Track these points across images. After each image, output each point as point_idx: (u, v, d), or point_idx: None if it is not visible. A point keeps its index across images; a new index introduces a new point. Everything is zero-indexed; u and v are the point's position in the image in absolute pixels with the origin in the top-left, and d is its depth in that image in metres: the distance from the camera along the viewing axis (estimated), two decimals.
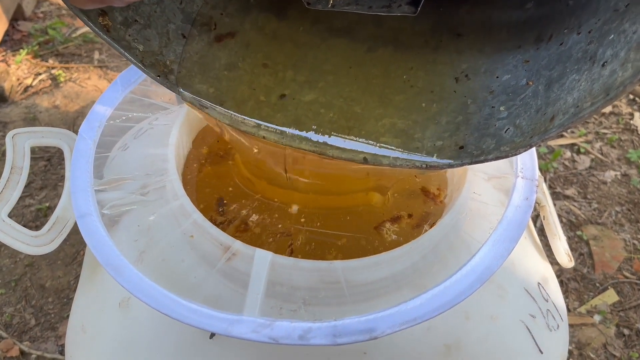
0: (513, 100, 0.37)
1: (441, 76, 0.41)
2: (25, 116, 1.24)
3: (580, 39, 0.34)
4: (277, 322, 0.34)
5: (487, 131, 0.37)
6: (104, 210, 0.43)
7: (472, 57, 0.41)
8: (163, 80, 0.39)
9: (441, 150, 0.37)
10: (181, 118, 0.50)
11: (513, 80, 0.38)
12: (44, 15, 1.53)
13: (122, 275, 0.37)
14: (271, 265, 0.38)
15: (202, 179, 0.52)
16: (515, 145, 0.34)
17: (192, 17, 0.40)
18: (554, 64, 0.36)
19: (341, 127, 0.39)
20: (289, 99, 0.41)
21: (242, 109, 0.40)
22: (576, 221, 1.06)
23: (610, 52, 0.31)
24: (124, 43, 0.36)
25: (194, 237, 0.42)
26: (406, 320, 0.35)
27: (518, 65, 0.39)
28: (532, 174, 0.44)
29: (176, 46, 0.39)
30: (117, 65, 1.39)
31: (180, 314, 0.35)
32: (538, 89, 0.36)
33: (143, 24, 0.37)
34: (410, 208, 0.50)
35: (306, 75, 0.42)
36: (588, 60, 0.33)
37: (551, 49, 0.37)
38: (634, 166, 1.16)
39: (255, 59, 0.42)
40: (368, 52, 0.42)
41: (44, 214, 1.04)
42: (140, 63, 0.37)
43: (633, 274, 0.99)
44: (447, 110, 0.39)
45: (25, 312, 0.92)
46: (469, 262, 0.38)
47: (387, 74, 0.41)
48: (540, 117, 0.34)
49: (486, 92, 0.39)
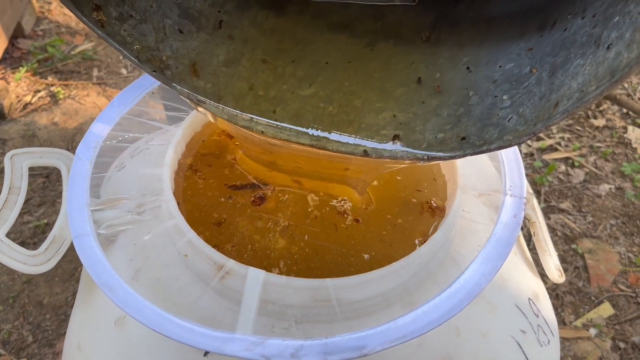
0: (516, 88, 0.36)
1: (443, 70, 0.41)
2: (24, 133, 1.25)
3: (584, 24, 0.34)
4: (269, 340, 0.35)
5: (489, 121, 0.36)
6: (100, 229, 0.44)
7: (473, 49, 0.40)
8: (159, 75, 0.38)
9: (443, 142, 0.37)
10: (177, 137, 0.51)
11: (516, 68, 0.38)
12: (43, 33, 1.54)
13: (117, 294, 0.38)
14: (264, 283, 0.39)
15: (196, 196, 0.53)
16: (519, 133, 0.34)
17: (189, 13, 0.40)
18: (558, 50, 0.35)
19: (341, 120, 0.39)
20: (288, 93, 0.40)
21: (240, 104, 0.40)
22: (571, 234, 1.07)
23: (616, 34, 0.30)
24: (119, 38, 0.36)
25: (188, 256, 0.43)
26: (396, 337, 0.35)
27: (521, 53, 0.38)
28: (521, 192, 0.45)
29: (173, 42, 0.39)
30: (116, 82, 1.40)
31: (174, 333, 0.36)
32: (542, 76, 0.35)
33: (139, 19, 0.37)
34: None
35: (305, 69, 0.41)
36: (593, 44, 0.32)
37: (555, 35, 0.36)
38: (628, 179, 1.17)
39: (254, 54, 0.41)
40: (367, 46, 0.42)
41: (41, 231, 1.05)
42: (136, 59, 0.37)
43: (628, 287, 0.99)
44: (448, 103, 0.39)
45: (22, 329, 0.92)
46: (458, 279, 0.38)
47: (387, 67, 0.41)
48: (544, 104, 0.33)
49: (489, 82, 0.38)
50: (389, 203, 0.52)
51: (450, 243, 0.45)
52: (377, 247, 0.48)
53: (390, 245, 0.48)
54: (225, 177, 0.54)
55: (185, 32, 0.40)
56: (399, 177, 0.54)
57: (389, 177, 0.54)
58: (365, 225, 0.49)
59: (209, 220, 0.49)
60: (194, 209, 0.50)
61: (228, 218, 0.49)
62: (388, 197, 0.52)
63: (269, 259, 0.46)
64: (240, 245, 0.47)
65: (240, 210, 0.50)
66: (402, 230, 0.49)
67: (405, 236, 0.49)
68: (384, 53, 0.42)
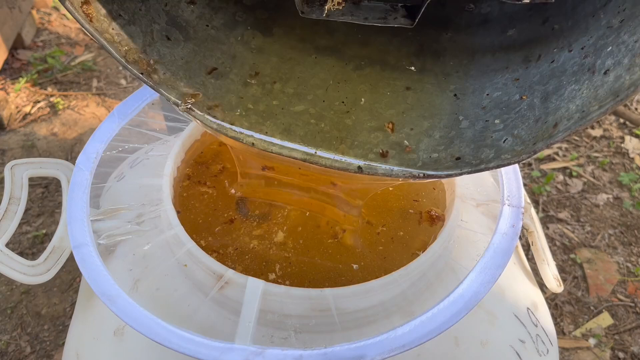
0: (507, 113, 0.36)
1: (430, 95, 0.41)
2: (24, 143, 1.26)
3: (572, 55, 0.34)
4: (268, 350, 0.35)
5: (483, 142, 0.36)
6: (100, 240, 0.44)
7: (458, 79, 0.41)
8: (146, 78, 0.38)
9: (438, 162, 0.37)
10: (177, 148, 0.51)
11: (505, 96, 0.38)
12: (43, 44, 1.55)
13: (116, 304, 0.38)
14: (263, 293, 0.39)
15: (195, 205, 0.53)
16: (517, 152, 0.34)
17: (177, 22, 0.40)
18: (548, 79, 0.35)
19: (333, 137, 0.39)
20: (278, 108, 0.40)
21: (229, 116, 0.39)
22: (570, 244, 1.07)
23: (611, 61, 0.30)
24: (107, 36, 0.36)
25: (187, 266, 0.43)
26: (395, 346, 0.36)
27: (508, 83, 0.38)
28: (519, 202, 0.45)
29: (160, 47, 0.39)
30: (115, 93, 1.41)
31: (173, 343, 0.36)
32: (534, 102, 0.35)
33: (127, 19, 0.37)
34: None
35: (294, 87, 0.42)
36: (587, 72, 0.32)
37: (542, 66, 0.37)
38: (626, 189, 1.17)
39: (242, 70, 0.42)
40: (355, 70, 0.42)
41: (40, 241, 1.05)
42: (123, 59, 0.37)
43: (627, 297, 0.99)
44: (439, 126, 0.39)
45: (21, 339, 0.92)
46: (456, 289, 0.38)
47: (375, 90, 0.41)
48: (540, 126, 0.33)
49: (478, 108, 0.39)
50: (388, 214, 0.52)
51: (448, 253, 0.46)
52: (373, 258, 0.48)
53: (385, 257, 0.48)
54: (224, 189, 0.55)
55: (172, 39, 0.40)
56: (391, 188, 0.54)
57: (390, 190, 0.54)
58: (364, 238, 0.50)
59: (208, 230, 0.49)
60: (194, 218, 0.50)
61: (226, 229, 0.50)
62: (390, 208, 0.52)
63: (266, 268, 0.47)
64: (239, 254, 0.47)
65: (238, 226, 0.50)
66: (403, 242, 0.49)
67: (405, 247, 0.49)
68: (372, 77, 0.42)
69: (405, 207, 0.52)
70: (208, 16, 0.42)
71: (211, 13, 0.42)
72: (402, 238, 0.50)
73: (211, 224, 0.50)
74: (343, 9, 0.39)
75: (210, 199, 0.52)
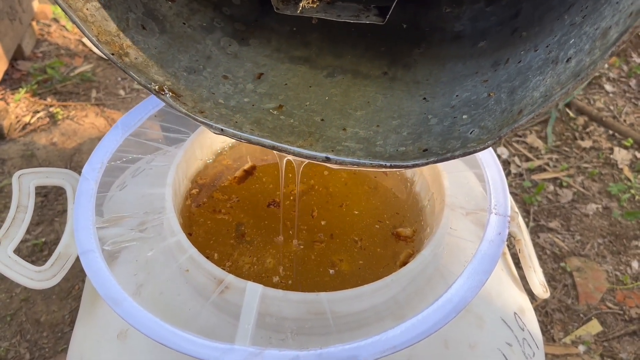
0: (475, 110, 0.37)
1: (399, 99, 0.42)
2: (23, 153, 1.27)
3: (538, 54, 0.35)
4: (266, 351, 0.37)
5: (451, 135, 0.37)
6: (105, 246, 0.46)
7: (429, 85, 0.42)
8: (117, 59, 0.38)
9: (405, 154, 0.38)
10: (178, 159, 0.53)
11: (473, 95, 0.39)
12: (42, 55, 1.57)
13: (121, 307, 0.39)
14: (262, 297, 0.41)
15: (197, 215, 0.55)
16: (483, 140, 0.34)
17: (154, 14, 0.41)
18: (514, 77, 0.36)
19: (302, 131, 0.40)
20: (249, 105, 0.41)
21: (199, 106, 0.40)
22: (560, 253, 1.09)
23: (574, 50, 0.31)
24: (80, 14, 0.36)
25: (189, 272, 0.45)
26: (387, 348, 0.37)
27: (477, 84, 0.39)
28: (505, 211, 0.47)
29: (135, 34, 0.39)
30: (114, 103, 1.43)
31: (175, 344, 0.37)
32: (501, 97, 0.36)
33: (103, 3, 0.37)
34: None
35: (266, 89, 0.43)
36: (550, 63, 0.33)
37: (510, 67, 0.38)
38: (615, 199, 1.20)
39: (216, 70, 0.42)
40: (328, 77, 0.44)
41: (39, 249, 1.06)
42: (95, 38, 0.37)
43: (616, 305, 1.01)
44: (407, 124, 0.40)
45: (20, 346, 0.93)
46: (445, 294, 0.40)
47: (347, 94, 0.43)
48: (506, 115, 0.34)
49: (447, 107, 0.40)
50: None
51: (438, 259, 0.48)
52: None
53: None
54: (222, 198, 0.57)
55: (147, 29, 0.40)
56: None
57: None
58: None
59: (207, 238, 0.51)
60: (195, 227, 0.52)
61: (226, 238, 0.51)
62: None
63: (265, 277, 0.48)
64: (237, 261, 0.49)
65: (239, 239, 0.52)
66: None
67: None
68: (343, 84, 0.43)
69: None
70: (185, 15, 0.43)
71: (189, 13, 0.43)
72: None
73: (211, 232, 0.52)
74: (317, 7, 0.40)
75: (211, 208, 0.54)
